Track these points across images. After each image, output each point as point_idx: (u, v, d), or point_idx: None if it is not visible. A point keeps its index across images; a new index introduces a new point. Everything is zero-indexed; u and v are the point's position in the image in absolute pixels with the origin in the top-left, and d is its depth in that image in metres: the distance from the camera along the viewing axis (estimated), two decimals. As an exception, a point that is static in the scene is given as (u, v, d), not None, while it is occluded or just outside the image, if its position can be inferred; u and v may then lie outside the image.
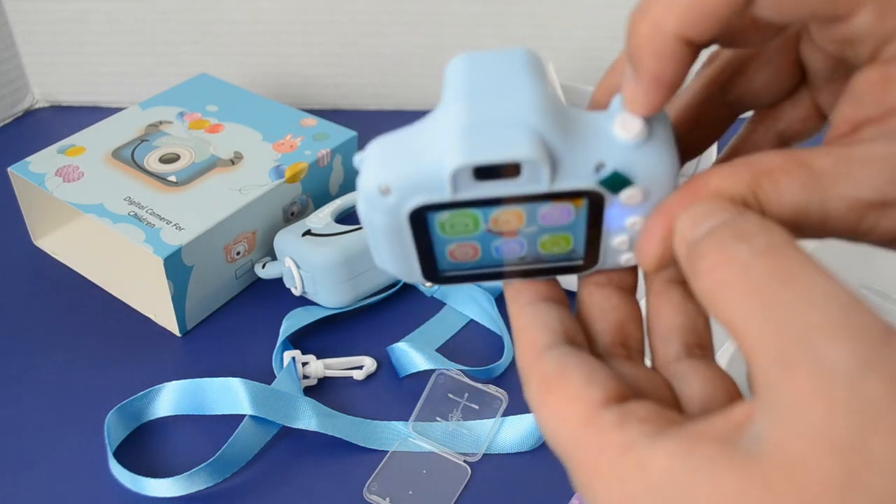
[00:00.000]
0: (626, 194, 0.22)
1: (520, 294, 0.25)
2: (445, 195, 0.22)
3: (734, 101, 0.26)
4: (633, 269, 0.26)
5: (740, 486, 0.16)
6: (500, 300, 0.59)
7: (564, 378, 0.21)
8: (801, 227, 0.20)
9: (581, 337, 0.24)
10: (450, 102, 0.22)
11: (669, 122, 0.23)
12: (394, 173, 0.22)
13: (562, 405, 0.21)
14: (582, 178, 0.22)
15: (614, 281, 0.26)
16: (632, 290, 0.26)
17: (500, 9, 0.76)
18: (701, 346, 0.24)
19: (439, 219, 0.23)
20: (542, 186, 0.22)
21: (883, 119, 0.21)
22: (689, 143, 0.26)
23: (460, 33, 0.78)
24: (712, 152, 0.60)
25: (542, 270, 0.25)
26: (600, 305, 0.25)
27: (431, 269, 0.25)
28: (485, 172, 0.22)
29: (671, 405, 0.23)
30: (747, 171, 0.21)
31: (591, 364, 0.22)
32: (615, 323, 0.25)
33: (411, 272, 0.25)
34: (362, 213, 0.24)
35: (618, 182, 0.22)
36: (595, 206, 0.23)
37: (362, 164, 0.23)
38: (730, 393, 0.23)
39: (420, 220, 0.23)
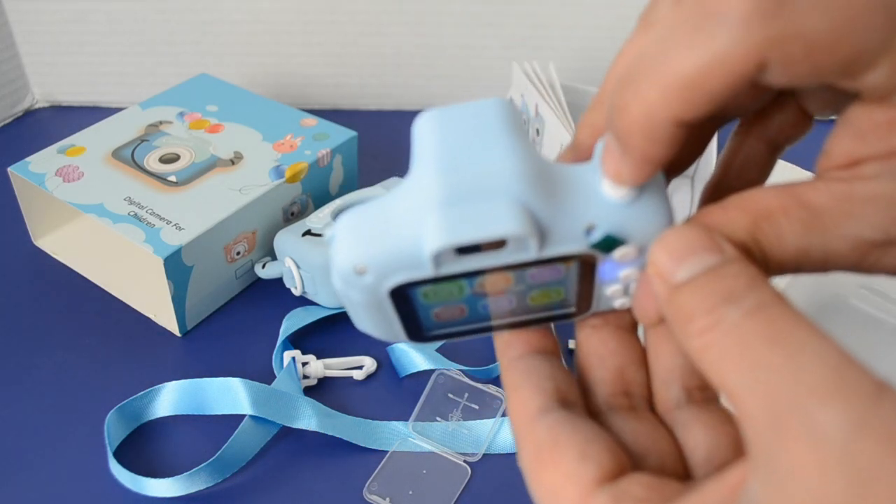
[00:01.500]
0: (620, 253, 0.21)
1: (509, 346, 0.24)
2: (427, 272, 0.21)
3: (717, 113, 0.25)
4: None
5: None
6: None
7: (557, 451, 0.20)
8: (803, 266, 0.20)
9: (575, 393, 0.23)
10: (422, 171, 0.21)
11: (660, 172, 0.22)
12: (369, 254, 0.21)
13: (555, 483, 0.20)
14: (572, 243, 0.21)
15: (611, 321, 0.25)
16: (632, 328, 0.25)
17: (500, 9, 0.76)
18: (702, 388, 0.23)
19: (422, 290, 0.22)
20: (531, 255, 0.21)
21: (888, 157, 0.20)
22: (669, 163, 0.25)
23: (460, 33, 0.78)
24: (712, 154, 0.60)
25: (533, 321, 0.24)
26: (598, 352, 0.24)
27: (416, 331, 0.24)
28: (468, 249, 0.20)
29: (674, 461, 0.22)
30: (745, 215, 0.20)
31: (586, 433, 0.21)
32: (615, 370, 0.24)
33: (395, 334, 0.24)
34: (338, 289, 0.22)
35: (610, 244, 0.21)
36: (587, 265, 0.22)
37: (333, 241, 0.22)
38: (733, 439, 0.22)
39: (402, 294, 0.22)
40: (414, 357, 0.54)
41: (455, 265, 0.21)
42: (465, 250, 0.21)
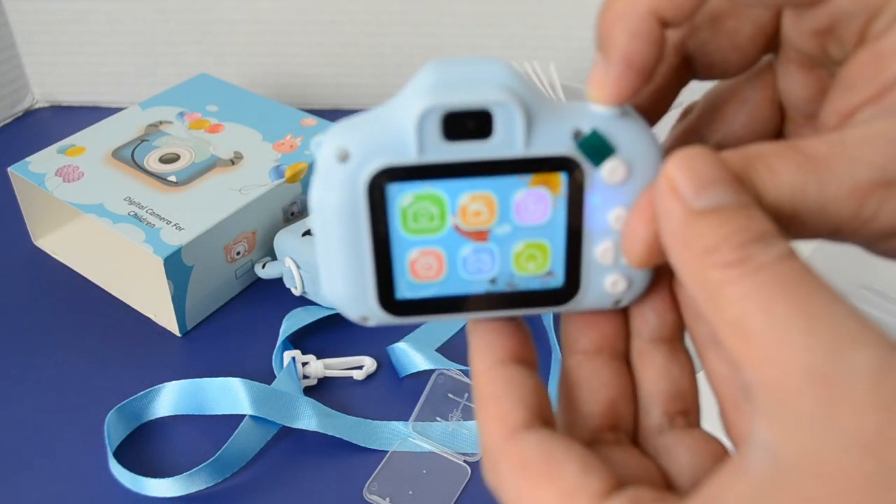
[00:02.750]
0: (609, 167, 0.21)
1: (489, 349, 0.22)
2: (410, 156, 0.21)
3: (715, 150, 0.25)
4: (623, 327, 0.24)
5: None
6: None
7: (552, 466, 0.19)
8: (800, 215, 0.19)
9: (552, 416, 0.22)
10: (416, 79, 0.22)
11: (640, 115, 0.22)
12: (356, 137, 0.21)
13: (556, 499, 0.19)
14: (559, 145, 0.21)
15: (605, 348, 0.23)
16: (624, 355, 0.24)
17: (500, 9, 0.76)
18: (685, 413, 0.23)
19: (401, 203, 0.22)
20: (517, 150, 0.21)
21: (878, 97, 0.20)
22: (644, 101, 0.25)
23: (460, 33, 0.78)
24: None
25: (515, 301, 0.23)
26: (590, 384, 0.23)
27: (388, 287, 0.23)
28: (454, 129, 0.21)
29: (665, 488, 0.21)
30: (739, 154, 0.19)
31: (580, 450, 0.19)
32: (606, 403, 0.23)
33: (364, 293, 0.23)
34: (315, 199, 0.22)
35: (599, 147, 0.21)
36: (575, 189, 0.22)
37: (321, 144, 0.22)
38: (717, 458, 0.22)
39: (380, 194, 0.21)
40: (414, 357, 0.54)
41: (439, 152, 0.21)
42: (451, 133, 0.21)
